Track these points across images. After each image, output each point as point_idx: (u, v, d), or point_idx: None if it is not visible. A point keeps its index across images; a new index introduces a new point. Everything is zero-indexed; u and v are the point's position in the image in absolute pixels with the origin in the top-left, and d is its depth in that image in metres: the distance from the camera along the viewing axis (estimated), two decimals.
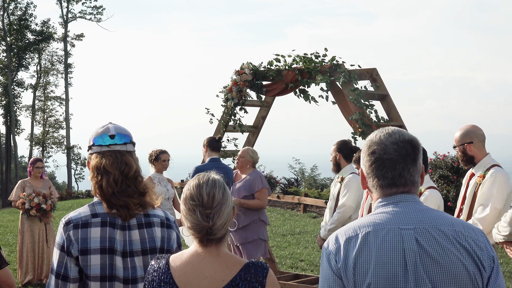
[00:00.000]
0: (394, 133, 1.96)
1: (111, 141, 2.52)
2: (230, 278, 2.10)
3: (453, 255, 1.84)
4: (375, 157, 1.95)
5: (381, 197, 1.96)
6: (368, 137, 2.02)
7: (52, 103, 43.29)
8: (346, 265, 1.86)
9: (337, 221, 6.04)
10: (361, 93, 7.22)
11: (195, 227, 2.11)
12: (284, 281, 7.34)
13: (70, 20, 41.44)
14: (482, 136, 4.48)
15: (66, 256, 2.39)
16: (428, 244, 1.84)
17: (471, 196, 4.45)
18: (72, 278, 2.38)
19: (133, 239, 2.44)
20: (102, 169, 2.48)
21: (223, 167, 6.87)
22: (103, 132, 2.54)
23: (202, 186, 2.14)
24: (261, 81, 8.05)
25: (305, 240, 11.70)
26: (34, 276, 8.25)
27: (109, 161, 2.48)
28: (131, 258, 2.43)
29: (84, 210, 2.47)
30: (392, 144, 1.94)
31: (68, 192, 27.90)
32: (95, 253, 2.38)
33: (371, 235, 1.87)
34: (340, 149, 6.17)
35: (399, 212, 1.91)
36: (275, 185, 18.73)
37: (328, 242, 1.94)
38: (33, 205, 8.14)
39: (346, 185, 6.05)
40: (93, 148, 2.54)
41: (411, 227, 1.87)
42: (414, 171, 1.95)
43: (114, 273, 2.39)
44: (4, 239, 12.11)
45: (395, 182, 1.94)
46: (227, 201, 2.15)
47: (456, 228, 1.89)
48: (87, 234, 2.39)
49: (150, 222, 2.50)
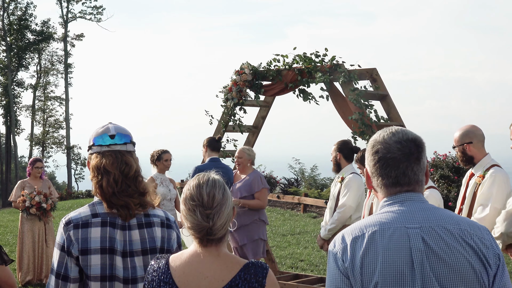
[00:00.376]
0: (397, 132, 1.97)
1: (111, 141, 2.52)
2: (230, 278, 2.10)
3: (459, 253, 1.85)
4: (378, 157, 1.96)
5: (387, 196, 1.97)
6: (372, 136, 2.03)
7: (52, 103, 43.32)
8: (353, 264, 1.87)
9: (337, 221, 6.04)
10: (360, 93, 7.22)
11: (195, 227, 2.11)
12: (284, 281, 7.34)
13: (70, 20, 41.46)
14: (482, 136, 4.48)
15: (66, 256, 2.39)
16: (434, 242, 1.85)
17: (470, 196, 4.45)
18: (72, 278, 2.38)
19: (133, 239, 2.44)
20: (102, 169, 2.48)
21: (223, 167, 6.88)
22: (103, 132, 2.54)
23: (202, 186, 2.14)
24: (260, 81, 8.05)
25: (305, 240, 11.70)
26: (34, 276, 8.25)
27: (109, 161, 2.48)
28: (131, 258, 2.42)
29: (84, 210, 2.46)
30: (395, 143, 1.94)
31: (68, 192, 27.91)
32: (95, 253, 2.38)
33: (378, 234, 1.88)
34: (340, 149, 6.18)
35: (405, 211, 1.91)
36: (275, 185, 18.73)
37: (335, 242, 1.95)
38: (33, 203, 8.13)
39: (347, 185, 6.06)
40: (93, 148, 2.54)
41: (417, 226, 1.88)
42: (418, 169, 1.95)
43: (114, 273, 2.39)
44: (4, 239, 12.11)
45: (399, 181, 1.94)
46: (227, 201, 2.14)
47: (461, 226, 1.90)
48: (87, 234, 2.39)
49: (150, 222, 2.50)
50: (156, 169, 7.43)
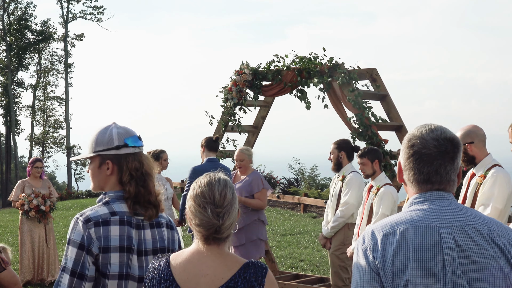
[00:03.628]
0: (436, 129, 1.97)
1: (141, 143, 2.56)
2: (229, 276, 2.11)
3: (489, 254, 1.86)
4: (414, 150, 1.96)
5: (417, 193, 1.97)
6: (410, 131, 2.03)
7: (52, 103, 43.33)
8: (384, 261, 1.87)
9: (340, 219, 6.05)
10: (359, 94, 7.22)
11: (205, 224, 2.12)
12: (284, 281, 7.33)
13: (71, 20, 41.47)
14: (483, 136, 4.46)
15: (85, 254, 2.35)
16: (465, 243, 1.86)
17: (472, 196, 4.44)
18: (88, 277, 2.36)
19: (146, 238, 2.47)
20: (143, 171, 2.50)
21: (221, 167, 6.86)
22: (131, 134, 2.54)
23: (214, 184, 2.15)
24: (260, 81, 8.04)
25: (305, 240, 11.70)
26: (34, 276, 8.25)
27: (147, 163, 2.54)
28: (146, 257, 2.45)
29: (101, 208, 2.44)
30: (432, 140, 1.94)
31: (68, 192, 27.88)
32: (114, 251, 2.37)
33: (409, 232, 1.88)
34: (343, 147, 6.19)
35: (435, 210, 1.92)
36: (275, 185, 18.72)
37: (364, 238, 1.94)
38: (32, 206, 8.12)
39: (348, 183, 6.07)
40: (124, 148, 2.50)
41: (448, 226, 1.89)
42: (451, 169, 1.95)
43: (130, 272, 2.40)
44: (4, 239, 12.10)
45: (430, 178, 1.95)
46: (236, 202, 2.18)
47: (491, 227, 1.91)
48: (108, 232, 2.38)
49: (160, 223, 2.54)
50: None
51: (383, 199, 5.49)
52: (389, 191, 5.53)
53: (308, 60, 7.56)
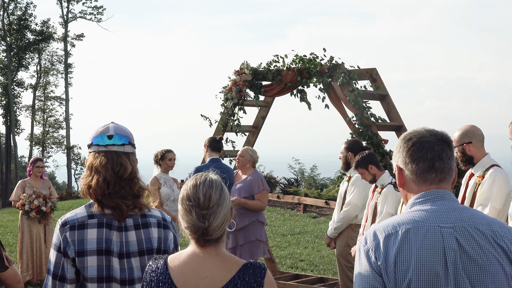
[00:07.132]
0: (428, 128, 2.04)
1: (108, 141, 2.51)
2: (228, 278, 2.10)
3: (491, 255, 1.87)
4: (413, 141, 2.00)
5: (418, 193, 1.98)
6: (403, 134, 2.08)
7: (52, 103, 43.31)
8: (387, 262, 1.87)
9: (343, 220, 6.05)
10: (359, 94, 7.23)
11: (191, 227, 2.11)
12: (284, 281, 7.34)
13: (70, 20, 41.45)
14: (481, 136, 4.47)
15: (63, 257, 2.38)
16: (467, 243, 1.87)
17: (470, 196, 4.45)
18: (69, 279, 2.38)
19: (129, 240, 2.43)
20: (94, 169, 2.48)
21: (224, 167, 6.85)
22: (102, 132, 2.53)
23: (199, 186, 2.13)
24: (260, 81, 8.06)
25: (305, 240, 11.71)
26: (34, 275, 8.25)
27: (103, 161, 2.48)
28: (128, 259, 2.42)
29: (81, 211, 2.45)
30: (427, 132, 2.01)
31: (68, 192, 27.86)
32: (91, 255, 2.37)
33: (412, 233, 1.88)
34: (351, 148, 6.17)
35: (437, 210, 1.93)
36: (275, 185, 18.72)
37: (366, 239, 1.95)
38: (32, 207, 8.13)
39: (353, 183, 6.07)
40: (91, 147, 2.54)
41: (451, 226, 1.90)
42: (451, 155, 2.00)
43: (111, 274, 2.39)
44: (4, 239, 12.10)
45: (434, 164, 1.96)
46: (224, 202, 2.13)
47: (493, 227, 1.91)
48: (83, 236, 2.38)
49: (147, 223, 2.49)
50: (159, 169, 7.36)
51: (387, 198, 5.48)
52: (393, 190, 5.52)
53: (308, 60, 7.57)
